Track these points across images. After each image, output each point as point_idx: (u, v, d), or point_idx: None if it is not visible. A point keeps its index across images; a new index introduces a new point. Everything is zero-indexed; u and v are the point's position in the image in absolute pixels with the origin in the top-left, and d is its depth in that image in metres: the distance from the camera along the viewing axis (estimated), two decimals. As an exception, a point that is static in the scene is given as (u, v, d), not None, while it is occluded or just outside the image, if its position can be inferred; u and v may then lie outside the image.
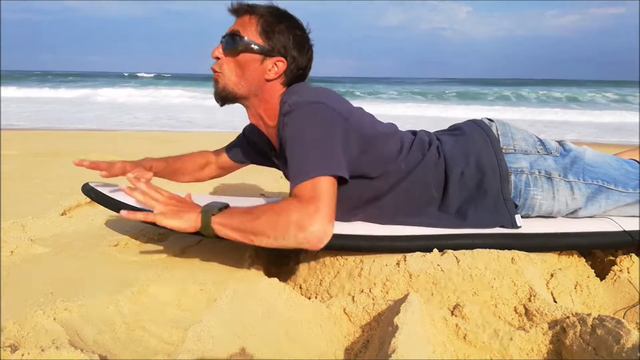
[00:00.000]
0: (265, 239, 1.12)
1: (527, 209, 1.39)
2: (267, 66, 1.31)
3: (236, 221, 1.15)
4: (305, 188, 1.13)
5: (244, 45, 1.29)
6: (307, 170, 1.15)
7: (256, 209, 1.16)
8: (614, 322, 0.92)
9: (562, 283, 1.27)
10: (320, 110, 1.22)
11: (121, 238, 1.64)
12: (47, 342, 0.96)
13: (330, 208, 1.13)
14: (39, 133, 5.84)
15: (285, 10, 1.35)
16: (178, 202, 1.23)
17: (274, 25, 1.30)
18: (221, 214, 1.17)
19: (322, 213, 1.10)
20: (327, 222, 1.11)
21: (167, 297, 1.21)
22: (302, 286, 1.38)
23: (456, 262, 1.22)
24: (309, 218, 1.09)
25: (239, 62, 1.31)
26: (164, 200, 1.21)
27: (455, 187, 1.34)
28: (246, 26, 1.30)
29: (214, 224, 1.16)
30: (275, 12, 1.32)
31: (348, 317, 1.14)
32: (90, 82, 21.17)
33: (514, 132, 1.43)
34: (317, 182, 1.13)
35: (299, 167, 1.17)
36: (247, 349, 0.97)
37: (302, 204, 1.11)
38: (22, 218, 1.84)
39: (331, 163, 1.17)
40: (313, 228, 1.09)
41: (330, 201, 1.13)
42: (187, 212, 1.18)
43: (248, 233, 1.14)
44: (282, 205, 1.14)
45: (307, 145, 1.18)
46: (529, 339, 1.00)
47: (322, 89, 1.34)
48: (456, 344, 1.02)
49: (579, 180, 1.37)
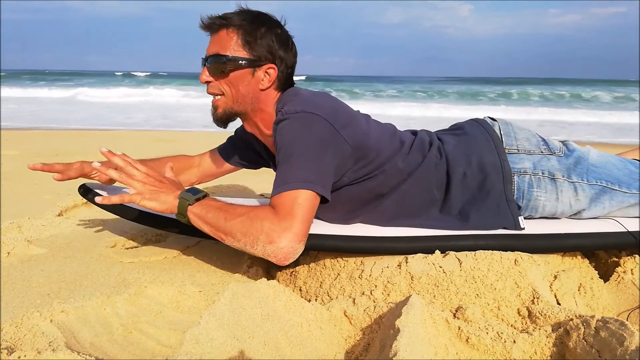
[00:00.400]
0: (235, 242, 1.13)
1: (530, 210, 1.38)
2: (259, 77, 1.28)
3: (211, 216, 1.14)
4: (284, 199, 1.12)
5: (231, 63, 1.25)
6: (288, 180, 1.14)
7: (232, 209, 1.15)
8: (617, 324, 0.91)
9: (565, 285, 1.26)
10: (312, 122, 1.20)
11: (118, 239, 1.63)
12: (43, 344, 0.95)
13: (304, 226, 1.12)
14: (39, 133, 5.83)
15: (257, 10, 1.30)
16: (156, 181, 1.21)
17: (255, 33, 1.25)
18: (198, 204, 1.16)
19: (294, 231, 1.09)
20: (297, 241, 1.11)
21: (165, 299, 1.20)
22: (302, 288, 1.36)
23: (458, 263, 1.21)
24: (280, 233, 1.09)
25: (231, 81, 1.27)
26: (141, 177, 1.20)
27: (457, 188, 1.33)
28: (226, 42, 1.26)
29: (190, 212, 1.15)
30: (250, 18, 1.27)
31: (349, 320, 1.13)
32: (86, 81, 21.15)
33: (517, 132, 1.42)
34: (297, 195, 1.12)
35: (282, 176, 1.16)
36: (246, 352, 0.96)
37: (277, 217, 1.10)
38: (19, 219, 1.83)
39: (315, 179, 1.15)
40: (281, 244, 1.09)
41: (306, 218, 1.12)
42: (165, 194, 1.18)
43: (219, 231, 1.14)
44: (258, 212, 1.13)
45: (295, 157, 1.16)
46: (532, 341, 0.99)
47: (318, 95, 1.32)
48: (458, 347, 1.01)
49: (583, 181, 1.36)
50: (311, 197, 1.14)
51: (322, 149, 1.18)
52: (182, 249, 1.53)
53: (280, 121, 1.22)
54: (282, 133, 1.21)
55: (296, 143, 1.18)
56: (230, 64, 1.25)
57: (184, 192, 1.19)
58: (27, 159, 3.59)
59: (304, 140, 1.18)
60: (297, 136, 1.19)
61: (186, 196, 1.17)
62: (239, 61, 1.25)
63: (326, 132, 1.20)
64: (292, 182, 1.13)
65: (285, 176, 1.15)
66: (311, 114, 1.21)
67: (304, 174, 1.14)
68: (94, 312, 1.10)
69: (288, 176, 1.15)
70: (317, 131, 1.19)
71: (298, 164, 1.16)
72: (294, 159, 1.16)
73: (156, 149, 4.24)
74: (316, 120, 1.20)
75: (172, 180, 1.27)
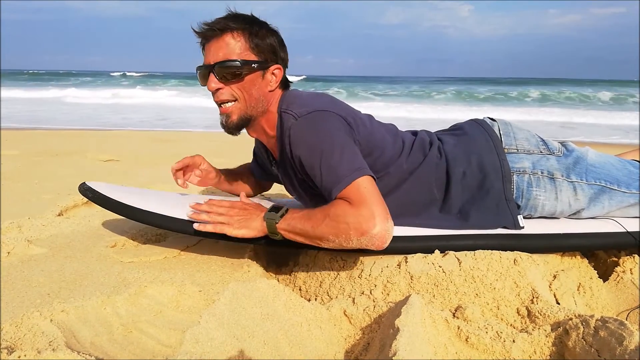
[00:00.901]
0: (331, 243, 1.16)
1: (529, 210, 1.38)
2: (268, 79, 1.28)
3: (299, 228, 1.18)
4: (349, 193, 1.14)
5: (245, 67, 1.23)
6: (339, 176, 1.15)
7: (313, 215, 1.17)
8: (616, 324, 0.91)
9: (564, 284, 1.26)
10: (328, 118, 1.22)
11: (118, 239, 1.63)
12: (43, 344, 0.95)
13: (382, 206, 1.13)
14: (38, 133, 5.83)
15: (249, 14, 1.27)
16: (240, 210, 1.27)
17: (259, 35, 1.25)
18: (283, 220, 1.20)
19: (377, 214, 1.11)
20: (385, 220, 1.11)
21: (165, 299, 1.20)
22: (301, 288, 1.36)
23: (458, 263, 1.21)
24: (366, 222, 1.10)
25: (244, 86, 1.25)
26: (227, 212, 1.27)
27: (457, 188, 1.33)
28: (234, 46, 1.23)
29: (279, 230, 1.20)
30: (249, 20, 1.25)
31: (348, 319, 1.13)
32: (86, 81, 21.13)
33: (517, 132, 1.42)
34: (358, 185, 1.14)
35: (331, 176, 1.17)
36: (245, 351, 0.96)
37: (356, 208, 1.11)
38: (19, 218, 1.83)
39: (360, 164, 1.18)
40: (373, 231, 1.10)
41: (378, 198, 1.13)
42: (252, 220, 1.24)
43: (313, 240, 1.18)
44: (336, 211, 1.13)
45: (333, 152, 1.17)
46: (531, 341, 0.99)
47: (322, 95, 1.33)
48: (458, 346, 1.01)
49: (582, 181, 1.36)
50: (369, 180, 1.16)
51: (346, 137, 1.21)
52: (182, 249, 1.53)
53: (293, 123, 1.22)
54: (300, 135, 1.21)
55: (322, 141, 1.19)
56: (244, 67, 1.23)
57: (267, 212, 1.23)
58: (27, 158, 3.59)
59: (327, 135, 1.19)
60: (320, 134, 1.20)
61: (271, 216, 1.21)
62: (252, 64, 1.24)
63: (343, 125, 1.23)
64: (345, 177, 1.14)
65: (335, 174, 1.16)
66: (324, 112, 1.23)
67: (349, 165, 1.16)
68: (94, 311, 1.11)
69: (338, 173, 1.16)
70: (335, 125, 1.22)
71: (338, 158, 1.17)
72: (330, 156, 1.17)
73: (159, 149, 4.24)
74: (330, 116, 1.23)
75: (253, 203, 1.32)
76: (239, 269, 1.38)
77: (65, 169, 3.22)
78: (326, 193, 1.19)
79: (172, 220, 1.34)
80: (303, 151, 1.21)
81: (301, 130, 1.21)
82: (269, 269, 1.50)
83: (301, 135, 1.21)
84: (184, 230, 1.34)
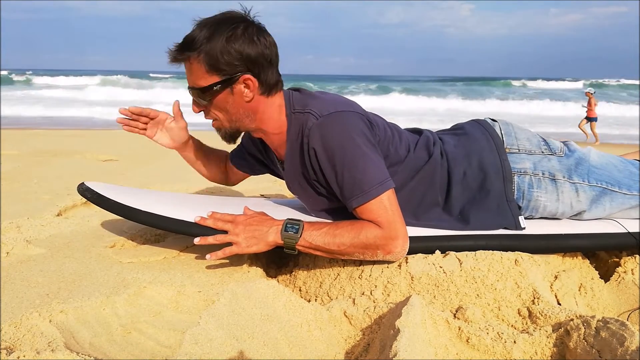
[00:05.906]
0: (355, 258, 1.24)
1: (531, 211, 1.38)
2: (240, 91, 1.23)
3: (322, 246, 1.20)
4: (373, 208, 1.19)
5: (208, 92, 1.22)
6: (364, 188, 1.19)
7: (338, 233, 1.19)
8: (618, 324, 0.91)
9: (566, 285, 1.26)
10: (351, 119, 1.23)
11: (117, 239, 1.62)
12: (42, 345, 0.95)
13: (403, 224, 1.21)
14: (38, 133, 5.83)
15: (214, 17, 1.21)
16: (247, 227, 1.24)
17: (214, 52, 1.17)
18: (302, 238, 1.20)
19: (400, 234, 1.20)
20: (406, 240, 1.21)
21: (164, 299, 1.19)
22: (301, 288, 1.36)
23: (459, 263, 1.21)
24: (393, 243, 1.19)
25: (217, 107, 1.26)
26: (233, 229, 1.24)
27: (458, 188, 1.33)
28: (196, 73, 1.21)
29: (299, 247, 1.21)
30: (207, 34, 1.17)
31: (348, 320, 1.13)
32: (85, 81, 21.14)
33: (518, 132, 1.42)
34: (381, 200, 1.18)
35: (356, 185, 1.19)
36: (245, 352, 0.96)
37: (383, 230, 1.18)
38: (18, 219, 1.82)
39: (383, 176, 1.20)
40: (397, 250, 1.20)
41: (399, 215, 1.21)
42: (262, 235, 1.22)
43: (336, 254, 1.23)
44: (363, 230, 1.19)
45: (356, 160, 1.19)
46: (532, 341, 0.99)
47: (336, 95, 1.34)
48: (459, 347, 1.01)
49: (584, 182, 1.36)
50: (391, 194, 1.21)
51: (370, 142, 1.22)
52: (182, 249, 1.52)
53: (314, 123, 1.22)
54: (322, 136, 1.21)
55: (347, 145, 1.20)
56: (207, 93, 1.23)
57: (284, 232, 1.22)
58: (27, 158, 3.59)
59: (351, 140, 1.20)
60: (344, 137, 1.20)
61: (290, 237, 1.21)
62: (213, 87, 1.21)
63: (365, 127, 1.24)
64: (369, 190, 1.19)
65: (360, 184, 1.19)
66: (346, 112, 1.24)
67: (372, 176, 1.19)
68: (93, 312, 1.10)
69: (363, 184, 1.19)
70: (359, 126, 1.22)
71: (362, 166, 1.19)
72: (353, 164, 1.19)
73: (158, 149, 4.23)
74: (353, 117, 1.23)
75: (257, 216, 1.28)
76: (238, 270, 1.37)
77: (64, 169, 3.22)
78: (345, 200, 1.23)
79: (171, 221, 1.34)
80: (324, 153, 1.21)
81: (324, 131, 1.21)
82: (268, 269, 1.49)
83: (323, 135, 1.21)
84: (183, 231, 1.34)
